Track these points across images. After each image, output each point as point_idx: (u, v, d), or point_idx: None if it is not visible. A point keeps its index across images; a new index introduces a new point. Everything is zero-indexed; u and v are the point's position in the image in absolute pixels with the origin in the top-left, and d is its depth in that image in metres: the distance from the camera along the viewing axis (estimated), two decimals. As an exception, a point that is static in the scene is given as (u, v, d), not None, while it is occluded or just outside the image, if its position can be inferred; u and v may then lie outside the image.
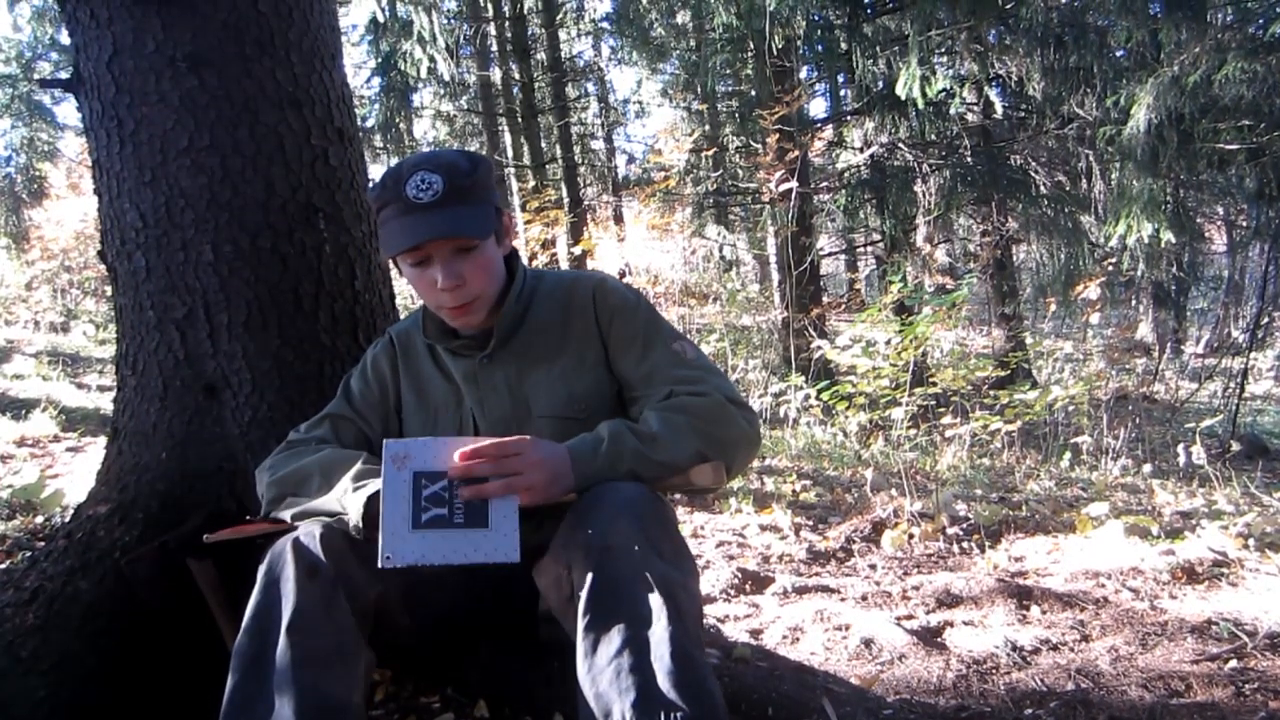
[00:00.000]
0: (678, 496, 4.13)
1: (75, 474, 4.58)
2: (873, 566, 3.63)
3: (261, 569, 1.67)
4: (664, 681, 1.44)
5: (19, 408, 6.43)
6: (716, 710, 1.47)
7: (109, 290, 3.33)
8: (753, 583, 3.37)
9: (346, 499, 1.74)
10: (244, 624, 1.62)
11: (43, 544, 2.95)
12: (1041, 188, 11.01)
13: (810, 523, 4.30)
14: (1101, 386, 7.92)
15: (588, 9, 18.28)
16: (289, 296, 2.45)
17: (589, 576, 1.56)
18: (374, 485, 1.70)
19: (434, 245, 1.84)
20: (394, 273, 2.67)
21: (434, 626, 1.99)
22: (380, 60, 13.60)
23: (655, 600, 1.52)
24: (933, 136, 11.47)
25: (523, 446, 1.64)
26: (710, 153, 13.82)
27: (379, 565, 1.54)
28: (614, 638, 1.50)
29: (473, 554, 1.57)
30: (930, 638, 2.68)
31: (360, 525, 1.69)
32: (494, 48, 17.05)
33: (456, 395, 2.03)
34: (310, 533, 1.70)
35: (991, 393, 7.42)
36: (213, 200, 2.39)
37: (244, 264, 2.40)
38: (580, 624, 1.54)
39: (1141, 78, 8.27)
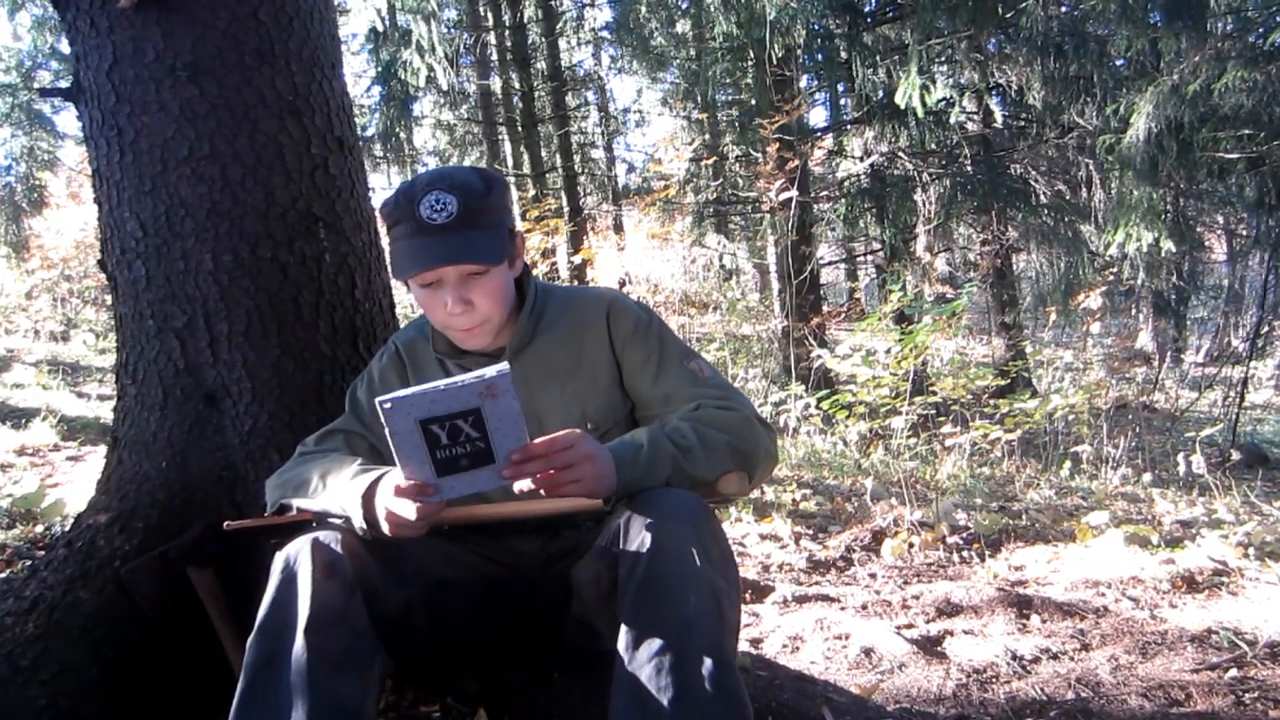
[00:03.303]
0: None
1: (75, 483, 4.58)
2: (873, 575, 3.63)
3: (276, 567, 1.65)
4: (705, 684, 1.46)
5: (19, 417, 6.43)
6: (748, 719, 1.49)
7: (109, 299, 3.33)
8: (753, 592, 3.37)
9: (346, 499, 1.73)
10: (258, 621, 1.60)
11: (43, 553, 2.96)
12: (1041, 197, 11.02)
13: (810, 532, 4.30)
14: (1102, 395, 7.92)
15: (588, 18, 18.30)
16: (289, 305, 2.45)
17: (638, 573, 1.56)
18: (366, 481, 1.69)
19: (445, 270, 1.83)
20: (394, 282, 2.68)
21: (453, 635, 1.98)
22: (380, 69, 13.57)
23: (703, 604, 1.53)
24: (933, 145, 11.49)
25: (574, 439, 1.61)
26: (710, 162, 13.83)
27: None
28: (657, 636, 1.50)
29: (490, 482, 1.59)
30: (930, 647, 2.68)
31: (364, 526, 1.68)
32: (494, 57, 17.05)
33: None
34: (330, 534, 1.69)
35: (991, 402, 7.42)
36: (213, 209, 2.39)
37: (244, 273, 2.41)
38: (624, 619, 1.55)
39: (1141, 87, 8.27)
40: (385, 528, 1.63)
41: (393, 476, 1.63)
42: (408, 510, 1.57)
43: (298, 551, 1.65)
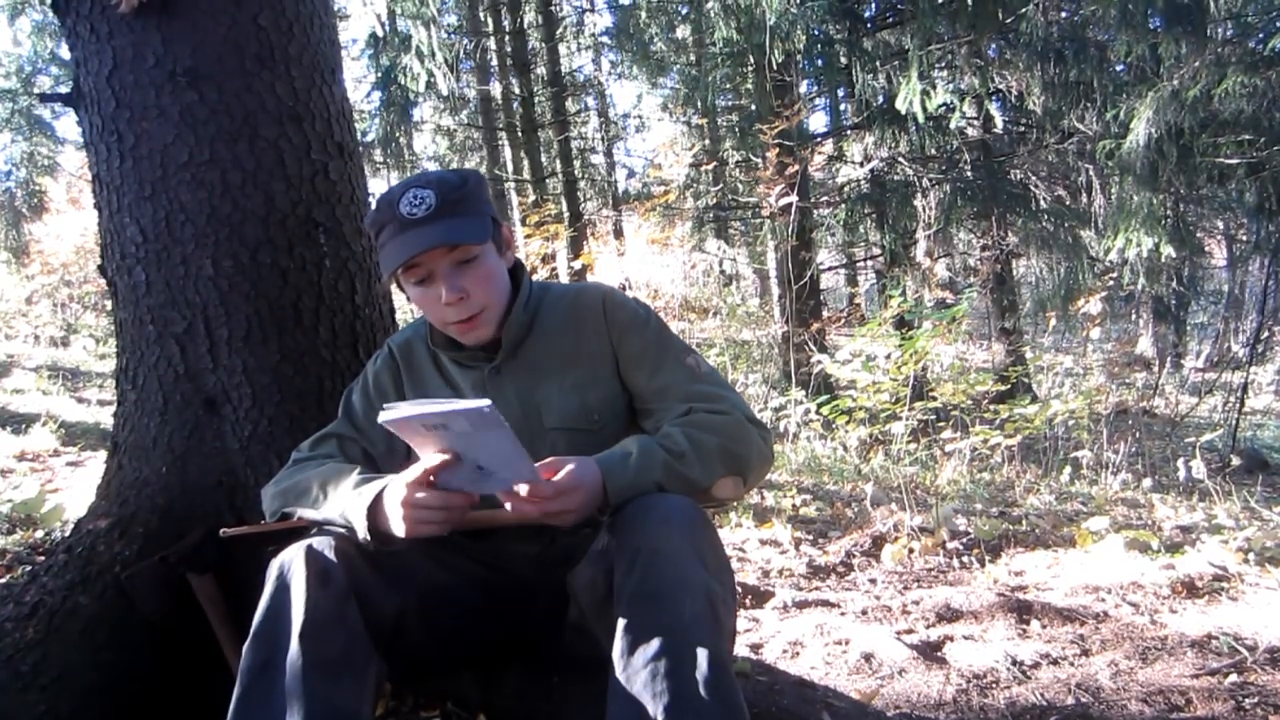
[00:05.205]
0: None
1: (75, 488, 4.57)
2: (873, 581, 3.62)
3: (271, 574, 1.65)
4: (701, 690, 1.45)
5: (19, 422, 6.42)
6: None
7: (109, 305, 3.33)
8: (753, 597, 3.37)
9: (349, 509, 1.73)
10: (253, 628, 1.60)
11: (43, 558, 2.95)
12: (1041, 202, 11.03)
13: (810, 537, 4.30)
14: (1101, 401, 7.91)
15: (588, 23, 18.34)
16: (289, 311, 2.45)
17: (634, 578, 1.56)
18: (372, 491, 1.70)
19: (432, 258, 1.83)
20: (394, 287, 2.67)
21: (450, 642, 1.98)
22: (380, 75, 13.58)
23: (699, 609, 1.53)
24: (933, 151, 11.50)
25: (562, 488, 1.61)
26: (710, 167, 13.84)
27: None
28: (653, 641, 1.49)
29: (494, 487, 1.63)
30: (930, 652, 2.68)
31: (369, 536, 1.68)
32: (494, 62, 17.07)
33: None
34: (324, 540, 1.69)
35: (991, 407, 7.42)
36: (213, 215, 2.39)
37: (244, 278, 2.41)
38: (620, 624, 1.54)
39: (1141, 92, 8.28)
40: (402, 527, 1.63)
41: (402, 476, 1.64)
42: (433, 499, 1.61)
43: (291, 559, 1.65)
